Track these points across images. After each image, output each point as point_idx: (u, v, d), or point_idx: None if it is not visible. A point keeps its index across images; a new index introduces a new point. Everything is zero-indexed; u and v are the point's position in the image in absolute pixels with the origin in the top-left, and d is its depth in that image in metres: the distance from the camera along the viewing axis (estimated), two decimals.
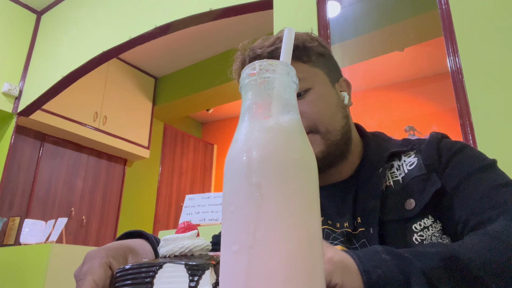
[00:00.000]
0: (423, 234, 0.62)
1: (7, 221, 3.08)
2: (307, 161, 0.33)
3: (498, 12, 1.36)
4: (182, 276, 0.38)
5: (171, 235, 0.44)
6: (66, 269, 2.35)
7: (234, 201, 0.32)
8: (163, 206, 4.47)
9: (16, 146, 3.44)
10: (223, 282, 0.31)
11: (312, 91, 0.71)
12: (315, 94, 0.71)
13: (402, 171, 0.69)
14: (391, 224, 0.64)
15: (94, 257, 0.48)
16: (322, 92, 0.72)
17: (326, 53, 0.77)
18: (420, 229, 0.62)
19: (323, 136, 0.69)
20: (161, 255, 0.43)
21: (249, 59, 0.72)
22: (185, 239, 0.43)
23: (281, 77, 0.35)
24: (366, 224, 0.65)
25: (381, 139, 0.76)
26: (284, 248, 0.29)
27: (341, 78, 0.79)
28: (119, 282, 0.42)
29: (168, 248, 0.42)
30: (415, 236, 0.62)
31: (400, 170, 0.69)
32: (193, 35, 3.70)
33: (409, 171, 0.68)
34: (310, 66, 0.73)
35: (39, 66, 3.42)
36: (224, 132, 5.26)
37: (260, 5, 2.12)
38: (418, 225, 0.62)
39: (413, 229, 0.62)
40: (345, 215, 0.69)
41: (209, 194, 1.94)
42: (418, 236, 0.62)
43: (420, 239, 0.61)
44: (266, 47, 0.70)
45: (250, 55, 0.73)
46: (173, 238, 0.43)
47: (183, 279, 0.38)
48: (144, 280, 0.39)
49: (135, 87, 4.33)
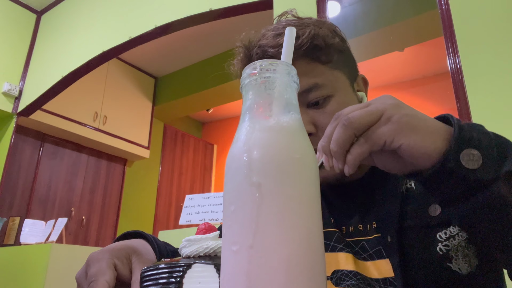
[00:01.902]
0: (449, 244, 0.55)
1: (7, 221, 3.08)
2: (308, 161, 0.33)
3: (498, 12, 1.36)
4: (212, 276, 0.39)
5: (193, 236, 0.44)
6: (66, 269, 2.35)
7: (235, 201, 0.32)
8: (163, 206, 4.47)
9: (16, 146, 3.44)
10: (223, 282, 0.31)
11: (334, 100, 0.62)
12: (337, 103, 0.62)
13: None
14: (411, 231, 0.57)
15: (100, 259, 0.48)
16: (343, 100, 0.63)
17: (346, 49, 0.68)
18: (445, 238, 0.55)
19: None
20: (184, 255, 0.43)
21: (257, 57, 0.64)
22: (209, 240, 0.43)
23: (282, 77, 0.35)
24: (382, 230, 0.59)
25: None
26: (284, 248, 0.29)
27: (359, 75, 0.71)
28: (147, 281, 0.42)
29: (192, 248, 0.43)
30: (440, 246, 0.55)
31: None
32: (193, 35, 3.70)
33: None
34: (330, 69, 0.64)
35: (39, 66, 3.42)
36: (224, 132, 5.26)
37: (260, 5, 2.12)
38: (444, 234, 0.55)
39: (438, 238, 0.55)
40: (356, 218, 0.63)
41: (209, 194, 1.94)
42: (443, 246, 0.55)
43: (445, 249, 0.55)
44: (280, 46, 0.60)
45: (259, 53, 0.64)
46: (197, 239, 0.43)
47: (213, 279, 0.38)
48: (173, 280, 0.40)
49: (135, 87, 4.33)
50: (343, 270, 0.59)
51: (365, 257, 0.60)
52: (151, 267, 0.42)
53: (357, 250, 0.61)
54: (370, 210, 0.62)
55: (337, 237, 0.62)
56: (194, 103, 4.45)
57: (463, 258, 0.54)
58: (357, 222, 0.63)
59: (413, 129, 0.41)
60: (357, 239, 0.62)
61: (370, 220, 0.62)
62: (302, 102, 0.61)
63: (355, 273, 0.58)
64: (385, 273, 0.57)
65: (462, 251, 0.55)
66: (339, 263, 0.60)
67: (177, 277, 0.39)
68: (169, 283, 0.40)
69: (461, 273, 0.53)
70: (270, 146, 0.32)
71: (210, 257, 0.42)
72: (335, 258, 0.61)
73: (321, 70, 0.63)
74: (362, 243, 0.61)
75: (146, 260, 0.51)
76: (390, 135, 0.41)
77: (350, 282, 0.57)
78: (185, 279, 0.39)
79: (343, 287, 0.57)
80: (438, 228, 0.56)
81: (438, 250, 0.55)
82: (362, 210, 0.63)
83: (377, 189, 0.63)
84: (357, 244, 0.61)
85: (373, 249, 0.59)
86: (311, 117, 0.61)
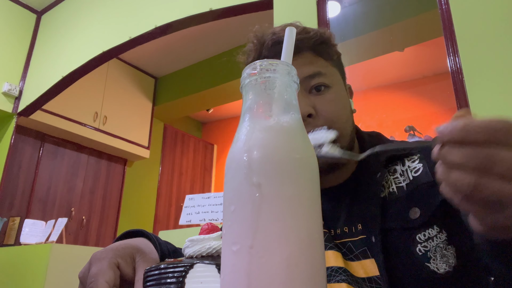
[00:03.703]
0: (427, 245, 0.59)
1: (7, 221, 3.08)
2: (308, 161, 0.33)
3: (498, 12, 1.36)
4: (213, 276, 0.39)
5: (196, 236, 0.44)
6: (66, 269, 2.34)
7: (235, 201, 0.32)
8: (163, 206, 4.47)
9: (16, 146, 3.44)
10: (224, 282, 0.31)
11: (332, 90, 0.68)
12: (335, 93, 0.68)
13: (407, 177, 0.65)
14: (393, 233, 0.61)
15: (102, 258, 0.48)
16: (340, 93, 0.70)
17: (340, 56, 0.76)
18: (424, 240, 0.59)
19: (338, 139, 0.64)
20: (187, 255, 0.43)
21: (272, 43, 0.68)
22: (212, 240, 0.43)
23: (282, 77, 0.35)
24: (367, 232, 0.62)
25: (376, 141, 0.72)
26: (284, 248, 0.29)
27: (347, 84, 0.77)
28: (150, 281, 0.42)
29: (195, 248, 0.43)
30: (419, 247, 0.59)
31: (404, 176, 0.66)
32: (193, 35, 3.70)
33: (414, 178, 0.64)
34: (331, 65, 0.71)
35: (39, 66, 3.42)
36: (224, 132, 5.26)
37: (260, 5, 2.12)
38: (423, 236, 0.59)
39: (417, 239, 0.59)
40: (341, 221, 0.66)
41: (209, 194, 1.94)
42: (422, 247, 0.59)
43: (424, 250, 0.58)
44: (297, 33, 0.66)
45: (274, 39, 0.68)
46: (199, 239, 0.43)
47: (215, 279, 0.39)
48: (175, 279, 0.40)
49: (135, 87, 4.33)
50: (333, 267, 0.61)
51: (351, 257, 0.63)
52: (154, 267, 0.42)
53: (344, 251, 0.64)
54: (355, 213, 0.66)
55: (327, 237, 0.66)
56: (194, 103, 4.45)
57: (441, 258, 0.58)
58: (343, 224, 0.66)
59: None
60: (344, 241, 0.65)
61: (355, 222, 0.65)
62: (304, 88, 0.67)
63: (344, 269, 0.61)
64: (370, 272, 0.60)
65: (440, 251, 0.58)
66: (329, 260, 0.62)
67: (179, 277, 0.40)
68: (171, 283, 0.40)
69: (439, 272, 0.57)
70: (270, 146, 0.32)
71: (213, 257, 0.42)
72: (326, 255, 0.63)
73: (323, 63, 0.70)
74: (348, 244, 0.64)
75: (150, 259, 0.51)
76: None
77: (340, 278, 0.59)
78: (187, 279, 0.39)
79: (334, 282, 0.59)
80: (417, 230, 0.60)
81: (417, 250, 0.59)
82: (347, 213, 0.67)
83: (359, 193, 0.67)
84: (344, 245, 0.65)
85: (358, 250, 0.63)
86: (312, 102, 0.66)
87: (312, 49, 0.69)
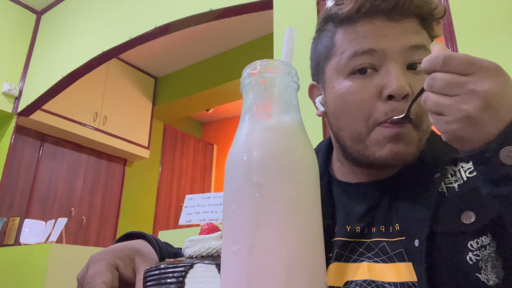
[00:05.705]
0: (479, 254, 0.53)
1: (7, 221, 3.08)
2: (308, 161, 0.33)
3: (498, 12, 1.36)
4: (213, 276, 0.39)
5: (196, 236, 0.44)
6: (66, 269, 2.34)
7: (235, 201, 0.32)
8: (163, 206, 4.47)
9: (16, 146, 3.44)
10: (224, 282, 0.31)
11: None
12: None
13: (459, 178, 0.59)
14: (440, 237, 0.55)
15: (100, 260, 0.48)
16: None
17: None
18: (476, 248, 0.53)
19: (420, 137, 0.58)
20: (187, 255, 0.43)
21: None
22: (212, 240, 0.43)
23: (282, 77, 0.35)
24: (407, 234, 0.57)
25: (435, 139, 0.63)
26: (284, 248, 0.29)
27: None
28: (150, 281, 0.42)
29: (195, 248, 0.43)
30: (470, 255, 0.53)
31: (455, 177, 0.60)
32: (193, 35, 3.70)
33: (469, 179, 0.58)
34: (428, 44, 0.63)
35: (39, 66, 3.42)
36: (224, 132, 5.26)
37: (260, 5, 2.12)
38: (475, 243, 0.53)
39: (469, 246, 0.53)
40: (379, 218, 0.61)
41: (209, 194, 1.94)
42: (474, 256, 0.53)
43: (476, 259, 0.52)
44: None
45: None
46: (199, 239, 0.43)
47: (215, 279, 0.39)
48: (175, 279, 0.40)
49: (135, 87, 4.33)
50: (357, 281, 0.58)
51: (384, 259, 0.59)
52: (154, 267, 0.43)
53: (376, 252, 0.59)
54: (394, 212, 0.60)
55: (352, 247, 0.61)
56: (194, 103, 4.45)
57: (492, 269, 0.53)
58: (379, 223, 0.61)
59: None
60: (377, 240, 0.60)
61: (392, 222, 0.60)
62: (404, 60, 0.58)
63: (369, 281, 0.57)
64: (404, 277, 0.56)
65: (492, 262, 0.53)
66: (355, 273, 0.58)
67: (179, 277, 0.40)
68: (171, 283, 0.40)
69: (488, 284, 0.52)
70: (270, 146, 0.32)
71: (213, 257, 0.42)
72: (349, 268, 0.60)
73: (427, 38, 0.61)
74: (383, 244, 0.59)
75: (150, 260, 0.51)
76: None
77: None
78: (187, 279, 0.39)
79: None
80: (470, 237, 0.54)
81: (468, 259, 0.53)
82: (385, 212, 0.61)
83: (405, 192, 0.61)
84: (377, 245, 0.60)
85: (394, 252, 0.58)
86: (409, 80, 0.57)
87: (422, 20, 0.60)
